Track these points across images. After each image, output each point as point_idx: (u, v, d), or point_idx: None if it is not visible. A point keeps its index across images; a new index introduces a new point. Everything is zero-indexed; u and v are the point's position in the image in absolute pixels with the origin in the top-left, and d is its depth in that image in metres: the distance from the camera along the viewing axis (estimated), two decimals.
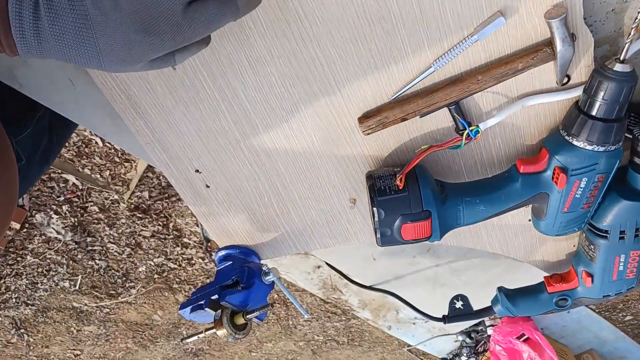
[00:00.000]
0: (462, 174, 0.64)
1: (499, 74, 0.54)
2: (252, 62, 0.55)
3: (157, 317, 2.31)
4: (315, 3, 0.50)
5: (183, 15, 0.37)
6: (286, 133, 0.61)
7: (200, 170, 0.64)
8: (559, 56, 0.51)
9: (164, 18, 0.37)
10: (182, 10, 0.37)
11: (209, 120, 0.60)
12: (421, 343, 1.50)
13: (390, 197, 0.57)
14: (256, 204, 0.68)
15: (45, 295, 2.22)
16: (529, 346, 1.43)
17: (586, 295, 0.66)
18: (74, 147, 1.78)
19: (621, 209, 0.57)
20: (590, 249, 0.62)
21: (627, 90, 0.49)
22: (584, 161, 0.53)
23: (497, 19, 0.50)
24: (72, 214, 1.92)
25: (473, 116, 0.59)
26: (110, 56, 0.38)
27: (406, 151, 0.62)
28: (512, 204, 0.58)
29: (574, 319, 1.56)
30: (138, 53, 0.38)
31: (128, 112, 0.59)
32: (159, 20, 0.37)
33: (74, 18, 0.36)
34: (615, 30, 0.54)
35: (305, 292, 2.06)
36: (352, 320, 2.32)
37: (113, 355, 2.45)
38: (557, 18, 0.48)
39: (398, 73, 0.55)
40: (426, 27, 0.52)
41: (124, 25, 0.37)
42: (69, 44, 0.37)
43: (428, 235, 0.58)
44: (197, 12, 0.38)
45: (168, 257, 2.09)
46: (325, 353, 2.50)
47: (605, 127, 0.51)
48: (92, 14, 0.36)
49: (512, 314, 0.69)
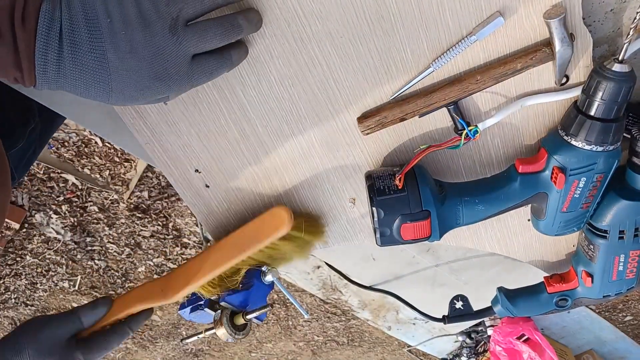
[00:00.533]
0: (461, 173, 0.64)
1: (498, 74, 0.54)
2: (252, 62, 0.55)
3: (157, 318, 2.31)
4: (314, 3, 0.50)
5: (189, 66, 0.43)
6: (285, 133, 0.61)
7: (200, 170, 0.64)
8: (558, 56, 0.51)
9: (173, 67, 0.42)
10: (188, 62, 0.43)
11: (209, 121, 0.60)
12: (421, 343, 1.50)
13: (390, 197, 0.57)
14: (256, 204, 0.68)
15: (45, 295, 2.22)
16: (529, 346, 1.43)
17: (586, 295, 0.66)
18: (74, 147, 1.78)
19: (620, 209, 0.57)
20: (589, 249, 0.62)
21: (626, 91, 0.49)
22: (583, 161, 0.53)
23: (496, 19, 0.50)
24: (72, 213, 1.92)
25: (472, 116, 0.59)
26: (119, 95, 0.43)
27: (405, 151, 0.62)
28: (511, 204, 0.58)
29: (574, 319, 1.56)
30: (147, 95, 0.43)
31: (128, 112, 0.59)
32: (168, 69, 0.42)
33: (93, 61, 0.40)
34: (613, 30, 0.54)
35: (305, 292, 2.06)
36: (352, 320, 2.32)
37: (113, 355, 2.45)
38: (555, 18, 0.49)
39: (397, 73, 0.55)
40: (425, 27, 0.52)
41: (139, 71, 0.41)
42: (85, 83, 0.42)
43: (427, 235, 0.58)
44: (200, 64, 0.44)
45: (167, 257, 2.09)
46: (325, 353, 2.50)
47: (604, 127, 0.51)
48: (110, 57, 0.40)
49: (512, 314, 0.69)
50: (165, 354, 2.48)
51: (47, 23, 0.39)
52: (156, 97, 0.44)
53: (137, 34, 0.40)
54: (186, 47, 0.42)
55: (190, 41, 0.42)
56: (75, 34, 0.40)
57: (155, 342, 2.42)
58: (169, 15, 0.41)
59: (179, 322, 2.34)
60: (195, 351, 2.51)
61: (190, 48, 0.43)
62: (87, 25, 0.40)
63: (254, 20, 0.47)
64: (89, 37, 0.40)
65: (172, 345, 2.45)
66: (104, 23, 0.40)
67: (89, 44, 0.40)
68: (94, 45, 0.40)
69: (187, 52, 0.43)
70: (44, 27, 0.39)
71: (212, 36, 0.43)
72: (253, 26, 0.47)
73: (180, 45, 0.42)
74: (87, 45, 0.40)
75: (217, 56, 0.45)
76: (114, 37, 0.40)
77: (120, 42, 0.40)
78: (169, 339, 2.41)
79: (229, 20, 0.44)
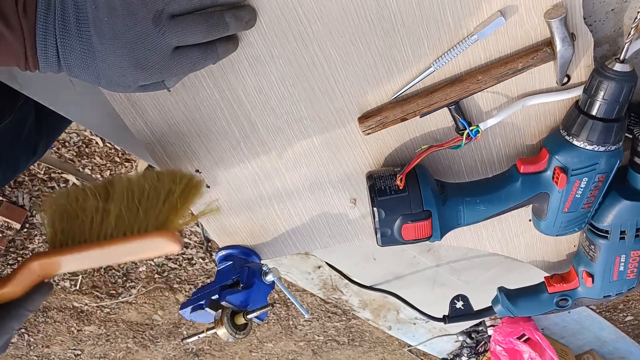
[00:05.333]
0: (462, 173, 0.64)
1: (499, 73, 0.54)
2: (252, 62, 0.55)
3: (158, 317, 2.32)
4: (315, 3, 0.50)
5: (171, 56, 0.44)
6: (286, 133, 0.61)
7: (200, 170, 0.64)
8: (559, 56, 0.51)
9: (154, 56, 0.44)
10: (170, 53, 0.44)
11: (209, 121, 0.60)
12: (422, 343, 1.50)
13: (391, 197, 0.57)
14: (256, 204, 0.68)
15: None
16: (529, 346, 1.42)
17: (587, 295, 0.66)
18: (74, 147, 1.78)
19: (622, 209, 0.57)
20: (590, 249, 0.62)
21: (627, 90, 0.49)
22: (584, 161, 0.53)
23: (496, 18, 0.50)
24: None
25: (473, 116, 0.59)
26: (108, 80, 0.45)
27: (406, 151, 0.62)
28: (512, 204, 0.58)
29: (574, 319, 1.55)
30: (129, 80, 0.45)
31: (128, 112, 0.59)
32: (149, 57, 0.44)
33: (80, 46, 0.44)
34: (615, 30, 0.54)
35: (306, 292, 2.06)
36: (353, 320, 2.32)
37: (113, 355, 2.45)
38: (556, 18, 0.48)
39: (398, 73, 0.55)
40: (426, 27, 0.52)
41: (120, 57, 0.44)
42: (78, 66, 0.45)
43: (428, 235, 0.58)
44: (183, 55, 0.45)
45: (168, 257, 2.09)
46: (326, 353, 2.50)
47: (606, 127, 0.51)
48: (95, 43, 0.43)
49: (512, 314, 0.69)
50: (166, 353, 2.48)
51: (44, 11, 0.42)
52: (140, 83, 0.46)
53: (120, 21, 0.42)
54: (168, 39, 0.43)
55: (173, 34, 0.43)
56: (66, 21, 0.43)
57: (156, 342, 2.42)
58: (153, 7, 0.42)
59: (180, 322, 2.34)
60: (196, 351, 2.51)
61: (173, 40, 0.44)
62: (75, 12, 0.43)
63: (244, 18, 0.47)
64: (76, 24, 0.43)
65: (173, 345, 2.45)
66: (90, 10, 0.42)
67: (76, 29, 0.43)
68: (81, 31, 0.43)
69: (169, 44, 0.44)
70: (42, 15, 0.42)
71: (195, 31, 0.44)
72: (242, 24, 0.47)
73: (163, 36, 0.43)
74: (75, 31, 0.43)
75: (202, 48, 0.46)
76: (98, 23, 0.42)
77: (104, 29, 0.43)
78: (170, 339, 2.41)
79: (215, 17, 0.45)
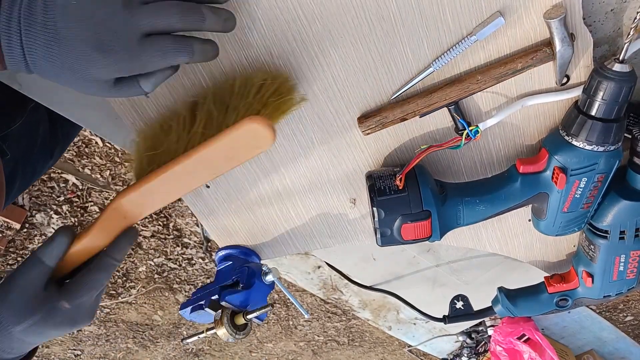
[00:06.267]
0: (461, 173, 0.64)
1: (499, 74, 0.54)
2: (252, 63, 0.55)
3: (158, 317, 2.31)
4: (314, 3, 0.50)
5: (139, 42, 0.41)
6: (286, 133, 0.61)
7: None
8: (558, 56, 0.51)
9: (121, 39, 0.41)
10: (138, 38, 0.41)
11: None
12: (422, 343, 1.50)
13: (390, 197, 0.57)
14: (256, 204, 0.68)
15: None
16: (529, 346, 1.42)
17: (586, 295, 0.66)
18: (74, 147, 1.78)
19: (621, 209, 0.57)
20: (590, 249, 0.62)
21: (627, 90, 0.49)
22: (584, 161, 0.53)
23: (496, 19, 0.50)
24: (73, 214, 1.92)
25: (472, 116, 0.59)
26: (72, 69, 0.42)
27: (406, 151, 0.62)
28: (511, 204, 0.58)
29: (574, 319, 1.56)
30: (95, 71, 0.42)
31: (128, 113, 0.59)
32: (113, 42, 0.41)
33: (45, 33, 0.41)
34: (614, 30, 0.54)
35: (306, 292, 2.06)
36: (353, 320, 2.32)
37: (113, 355, 2.45)
38: (556, 18, 0.49)
39: (397, 73, 0.55)
40: (425, 27, 0.52)
41: (84, 41, 0.40)
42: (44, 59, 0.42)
43: (428, 235, 0.58)
44: (154, 43, 0.42)
45: (168, 257, 2.09)
46: (326, 353, 2.50)
47: (605, 127, 0.51)
48: (60, 27, 0.40)
49: (512, 314, 0.69)
50: (166, 353, 2.48)
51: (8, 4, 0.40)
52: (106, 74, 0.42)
53: (88, 3, 0.40)
54: (137, 22, 0.41)
55: (143, 16, 0.41)
56: (32, 8, 0.40)
57: (156, 342, 2.42)
58: None
59: (180, 322, 2.34)
60: (196, 351, 2.51)
61: (142, 23, 0.41)
62: None
63: (223, 15, 0.44)
64: (43, 9, 0.40)
65: (173, 345, 2.45)
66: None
67: (42, 15, 0.40)
68: (47, 17, 0.40)
69: (137, 28, 0.41)
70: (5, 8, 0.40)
71: (167, 14, 0.41)
72: (220, 21, 0.44)
73: (132, 18, 0.41)
74: (41, 17, 0.40)
75: (175, 39, 0.43)
76: (65, 5, 0.40)
77: (71, 11, 0.40)
78: (170, 339, 2.41)
79: (191, 6, 0.42)
